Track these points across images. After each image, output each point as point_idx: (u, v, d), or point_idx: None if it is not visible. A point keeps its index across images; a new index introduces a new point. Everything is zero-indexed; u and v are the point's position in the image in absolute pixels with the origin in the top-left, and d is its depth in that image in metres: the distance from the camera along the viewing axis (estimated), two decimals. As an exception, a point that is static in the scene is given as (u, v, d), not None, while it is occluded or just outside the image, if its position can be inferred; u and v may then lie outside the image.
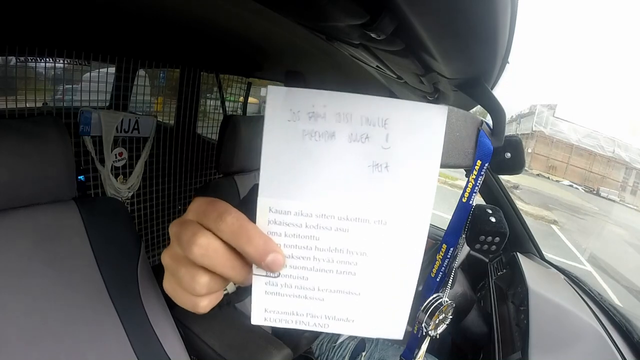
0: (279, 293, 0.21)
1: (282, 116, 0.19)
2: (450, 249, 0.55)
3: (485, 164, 0.45)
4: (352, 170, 0.20)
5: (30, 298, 0.52)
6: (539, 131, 14.02)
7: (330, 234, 0.20)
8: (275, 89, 0.19)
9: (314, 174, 0.20)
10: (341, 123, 0.19)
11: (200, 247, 0.19)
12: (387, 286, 0.21)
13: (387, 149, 0.19)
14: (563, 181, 13.77)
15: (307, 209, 0.20)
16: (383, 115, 0.19)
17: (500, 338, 0.73)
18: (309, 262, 0.20)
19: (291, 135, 0.19)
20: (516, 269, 0.89)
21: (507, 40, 0.30)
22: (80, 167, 1.14)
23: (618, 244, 6.73)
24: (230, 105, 1.68)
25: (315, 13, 0.31)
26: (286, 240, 0.20)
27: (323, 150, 0.19)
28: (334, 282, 0.21)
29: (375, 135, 0.19)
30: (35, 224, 0.56)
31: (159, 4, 0.52)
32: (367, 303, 0.21)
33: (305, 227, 0.20)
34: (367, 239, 0.20)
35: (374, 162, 0.20)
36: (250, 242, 0.19)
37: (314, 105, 0.19)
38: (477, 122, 0.42)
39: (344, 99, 0.19)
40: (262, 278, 0.21)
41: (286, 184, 0.20)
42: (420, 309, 0.57)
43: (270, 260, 0.19)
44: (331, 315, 0.21)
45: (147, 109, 1.44)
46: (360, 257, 0.20)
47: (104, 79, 1.25)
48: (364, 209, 0.20)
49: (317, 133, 0.19)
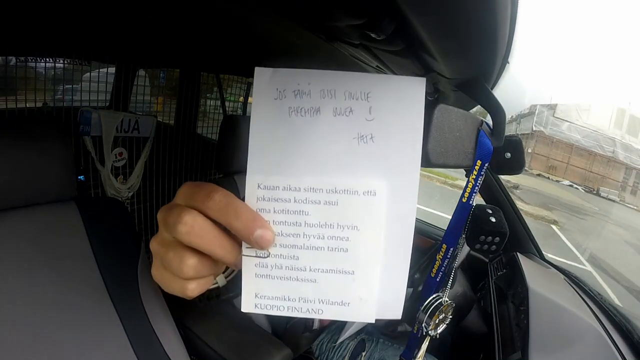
0: (270, 275, 0.21)
1: (268, 95, 0.20)
2: (450, 249, 0.55)
3: (485, 164, 0.45)
4: (338, 143, 0.20)
5: (30, 298, 0.52)
6: (539, 131, 14.02)
7: (320, 208, 0.20)
8: (262, 70, 0.20)
9: (301, 149, 0.20)
10: (325, 99, 0.20)
11: (186, 225, 0.18)
12: (381, 261, 0.20)
13: (370, 120, 0.20)
14: (563, 181, 13.77)
15: (296, 183, 0.20)
16: (365, 89, 0.20)
17: (500, 338, 0.73)
18: (299, 239, 0.20)
19: (278, 112, 0.20)
20: (516, 269, 0.89)
21: (507, 41, 0.30)
22: (80, 167, 1.14)
23: (618, 244, 6.72)
24: (230, 105, 1.68)
25: (315, 13, 0.31)
26: (275, 216, 0.20)
27: (309, 125, 0.20)
28: (326, 260, 0.20)
29: (359, 109, 0.20)
30: (35, 224, 0.56)
31: (159, 4, 0.52)
32: (362, 282, 0.20)
33: (294, 202, 0.20)
34: (357, 211, 0.20)
35: (359, 134, 0.20)
36: (238, 217, 0.19)
37: (299, 84, 0.20)
38: (477, 122, 0.42)
39: (327, 76, 0.20)
40: (252, 259, 0.20)
41: (274, 160, 0.20)
42: (420, 309, 0.57)
43: (259, 235, 0.19)
44: (324, 299, 0.21)
45: (147, 109, 1.44)
46: (351, 231, 0.20)
47: (104, 79, 1.25)
48: (352, 180, 0.20)
49: (303, 109, 0.20)
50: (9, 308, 0.50)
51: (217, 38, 0.73)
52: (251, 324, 0.79)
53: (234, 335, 0.74)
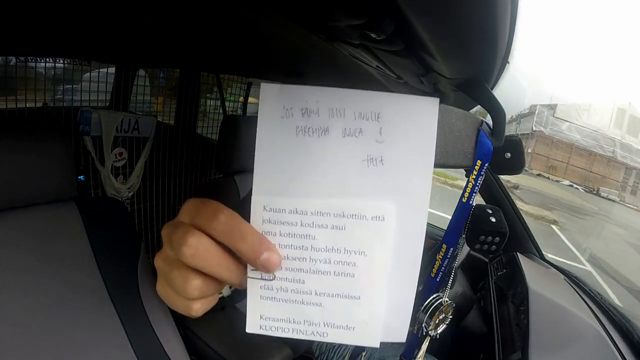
0: (275, 298, 0.20)
1: (275, 113, 0.19)
2: (450, 249, 0.55)
3: (485, 164, 0.45)
4: (347, 165, 0.19)
5: (30, 298, 0.52)
6: (539, 131, 14.01)
7: (327, 232, 0.19)
8: (268, 86, 0.19)
9: (309, 170, 0.19)
10: (334, 118, 0.19)
11: (191, 247, 0.18)
12: (387, 287, 0.20)
13: (381, 142, 0.19)
14: (563, 181, 13.77)
15: (303, 207, 0.19)
16: (376, 109, 0.19)
17: (500, 338, 0.73)
18: (305, 263, 0.20)
19: (285, 132, 0.19)
20: (516, 269, 0.89)
21: (507, 41, 0.30)
22: (80, 167, 1.14)
23: (618, 244, 6.72)
24: (230, 105, 1.68)
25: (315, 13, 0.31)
26: (281, 239, 0.20)
27: (317, 146, 0.19)
28: (332, 285, 0.20)
29: (369, 129, 0.19)
30: (35, 224, 0.56)
31: (159, 4, 0.52)
32: (368, 307, 0.20)
33: (300, 226, 0.19)
34: (365, 237, 0.19)
35: (369, 156, 0.19)
36: (244, 240, 0.19)
37: (306, 102, 0.19)
38: (477, 122, 0.42)
39: (337, 94, 0.19)
40: (257, 281, 0.20)
41: (281, 181, 0.19)
42: (420, 309, 0.57)
43: (265, 259, 0.19)
44: (330, 322, 0.20)
45: (147, 109, 1.44)
46: (358, 256, 0.20)
47: (104, 79, 1.25)
48: (360, 204, 0.19)
49: (311, 129, 0.19)
50: (9, 308, 0.50)
51: (217, 38, 0.73)
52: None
53: (234, 335, 0.74)
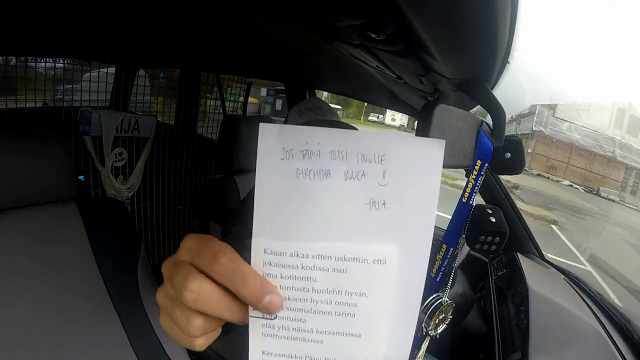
0: (277, 335, 0.20)
1: (275, 154, 0.19)
2: (450, 249, 0.55)
3: (485, 164, 0.45)
4: (348, 208, 0.19)
5: (30, 298, 0.52)
6: (539, 131, 14.01)
7: (328, 275, 0.19)
8: (268, 126, 0.19)
9: (310, 214, 0.19)
10: (336, 160, 0.19)
11: (192, 292, 0.18)
12: (387, 325, 0.20)
13: (384, 185, 0.19)
14: (563, 181, 13.76)
15: (303, 250, 0.19)
16: (379, 151, 0.19)
17: (500, 338, 0.73)
18: (306, 304, 0.20)
19: (285, 174, 0.19)
20: (516, 269, 0.89)
21: (507, 41, 0.30)
22: (80, 167, 1.14)
23: (618, 244, 6.72)
24: (230, 105, 1.68)
25: (315, 14, 0.31)
26: (282, 282, 0.20)
27: (318, 189, 0.19)
28: (332, 324, 0.20)
29: (372, 172, 0.19)
30: (35, 224, 0.56)
31: (159, 4, 0.52)
32: (368, 344, 0.20)
33: (301, 269, 0.20)
34: (366, 279, 0.19)
35: (371, 200, 0.19)
36: (246, 284, 0.19)
37: (307, 143, 0.19)
38: (477, 122, 0.42)
39: (339, 135, 0.19)
40: (259, 320, 0.20)
41: (281, 225, 0.19)
42: (420, 309, 0.57)
43: (267, 302, 0.19)
44: (331, 358, 0.21)
45: (147, 109, 1.44)
46: (359, 298, 0.20)
47: (104, 79, 1.25)
48: (362, 248, 0.19)
49: (312, 171, 0.19)
50: (9, 307, 0.50)
51: (217, 38, 0.73)
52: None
53: (234, 335, 0.74)
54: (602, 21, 41.87)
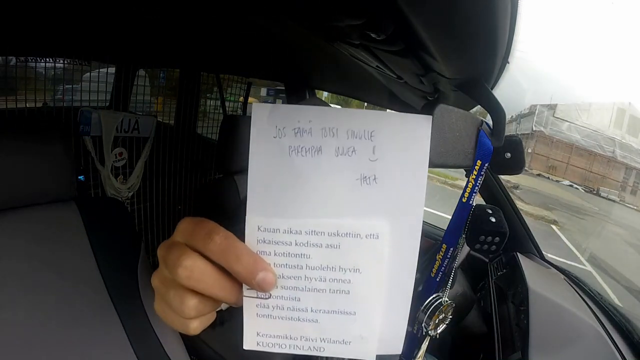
0: (271, 315, 0.20)
1: (267, 133, 0.19)
2: (450, 249, 0.55)
3: (485, 164, 0.45)
4: (340, 184, 0.19)
5: (30, 298, 0.52)
6: (539, 131, 14.02)
7: (321, 251, 0.20)
8: (260, 106, 0.19)
9: (302, 190, 0.19)
10: (327, 137, 0.19)
11: (186, 269, 0.18)
12: (382, 302, 0.20)
13: (374, 161, 0.19)
14: (563, 181, 13.76)
15: (297, 226, 0.19)
16: (369, 128, 0.19)
17: (500, 338, 0.73)
18: (300, 281, 0.20)
19: (277, 152, 0.19)
20: (516, 269, 0.89)
21: (507, 40, 0.30)
22: (80, 167, 1.14)
23: (618, 244, 6.72)
24: (230, 105, 1.68)
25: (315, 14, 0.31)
26: (276, 259, 0.20)
27: (310, 165, 0.19)
28: (327, 302, 0.20)
29: (362, 148, 0.19)
30: (35, 224, 0.56)
31: (159, 4, 0.52)
32: (363, 322, 0.20)
33: (295, 245, 0.20)
34: (359, 255, 0.20)
35: (362, 175, 0.19)
36: (240, 261, 0.19)
37: (299, 121, 0.19)
38: (477, 122, 0.42)
39: (329, 113, 0.19)
40: (253, 300, 0.20)
41: (274, 202, 0.19)
42: (420, 309, 0.57)
43: (261, 279, 0.19)
44: (326, 338, 0.21)
45: (147, 109, 1.44)
46: (353, 274, 0.20)
47: (104, 79, 1.25)
48: (354, 223, 0.19)
49: (304, 149, 0.19)
50: (8, 308, 0.50)
51: (217, 38, 0.73)
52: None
53: (234, 335, 0.74)
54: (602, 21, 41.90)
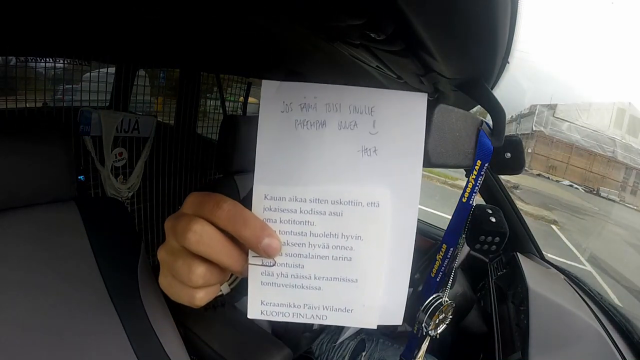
0: (275, 283, 0.21)
1: (275, 108, 0.21)
2: (450, 249, 0.55)
3: (485, 164, 0.45)
4: (342, 155, 0.21)
5: (30, 298, 0.52)
6: (539, 131, 14.02)
7: (325, 219, 0.21)
8: (269, 83, 0.21)
9: (307, 161, 0.21)
10: (331, 112, 0.21)
11: (195, 233, 0.19)
12: (383, 270, 0.21)
13: (374, 134, 0.21)
14: (563, 181, 13.76)
15: (301, 194, 0.21)
16: (369, 104, 0.20)
17: (500, 338, 0.73)
18: (304, 248, 0.21)
19: (285, 125, 0.21)
20: (516, 269, 0.89)
21: (507, 40, 0.30)
22: (80, 167, 1.14)
23: (618, 244, 6.72)
24: (230, 105, 1.68)
25: (315, 14, 0.31)
26: (281, 226, 0.21)
27: (315, 137, 0.21)
28: (330, 269, 0.21)
29: (363, 122, 0.21)
30: (35, 224, 0.56)
31: (159, 5, 0.52)
32: (365, 290, 0.21)
33: (300, 213, 0.21)
34: (361, 222, 0.21)
35: (363, 147, 0.21)
36: (247, 226, 0.19)
37: (305, 97, 0.20)
38: (477, 122, 0.42)
39: (333, 90, 0.21)
40: (258, 268, 0.21)
41: (281, 171, 0.21)
42: (420, 309, 0.57)
43: (267, 244, 0.20)
44: (328, 306, 0.21)
45: (147, 109, 1.44)
46: (355, 241, 0.21)
47: (104, 79, 1.25)
48: (356, 191, 0.21)
49: (309, 122, 0.21)
50: (9, 308, 0.50)
51: (217, 38, 0.73)
52: (251, 324, 0.79)
53: (234, 335, 0.74)
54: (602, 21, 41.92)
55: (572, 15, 47.65)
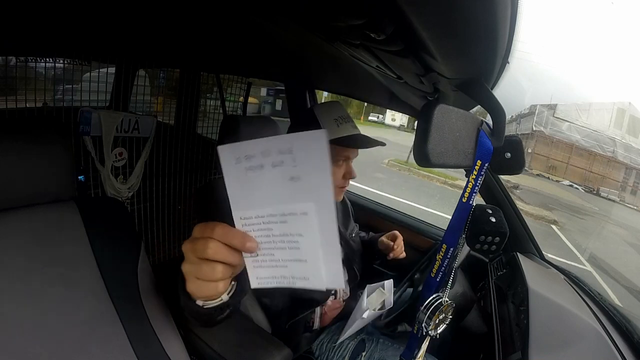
0: (261, 265, 0.33)
1: (232, 162, 0.30)
2: (450, 249, 0.55)
3: (485, 164, 0.45)
4: (278, 184, 0.30)
5: (30, 297, 0.52)
6: (539, 131, 14.02)
7: (278, 225, 0.31)
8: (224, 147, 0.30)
9: (259, 191, 0.31)
10: (265, 157, 0.29)
11: (212, 249, 0.32)
12: (320, 252, 0.31)
13: (296, 166, 0.29)
14: (563, 181, 13.76)
15: (260, 213, 0.32)
16: (288, 146, 0.28)
17: (500, 338, 0.73)
18: (270, 244, 0.32)
19: (240, 171, 0.30)
20: (516, 269, 0.89)
21: (507, 41, 0.30)
22: (80, 167, 1.14)
23: (618, 244, 6.73)
24: (230, 105, 1.68)
25: (316, 14, 0.31)
26: (255, 233, 0.32)
27: (259, 176, 0.30)
28: (288, 255, 0.32)
29: (287, 160, 0.29)
30: (35, 224, 0.56)
31: (159, 5, 0.52)
32: (312, 265, 0.32)
33: (262, 224, 0.32)
34: (299, 225, 0.31)
35: (291, 177, 0.29)
36: (235, 238, 0.32)
37: (246, 151, 0.30)
38: (477, 122, 0.42)
39: (264, 142, 0.29)
40: (250, 259, 0.33)
41: (245, 201, 0.32)
42: (420, 309, 0.57)
43: (249, 246, 0.32)
44: (294, 276, 0.32)
45: (147, 109, 1.43)
46: (299, 237, 0.31)
47: (104, 79, 1.25)
48: (291, 207, 0.30)
49: (253, 167, 0.30)
50: (9, 307, 0.50)
51: (217, 38, 0.73)
52: (251, 324, 0.79)
53: (234, 335, 0.74)
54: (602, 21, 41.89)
55: (572, 15, 47.57)
